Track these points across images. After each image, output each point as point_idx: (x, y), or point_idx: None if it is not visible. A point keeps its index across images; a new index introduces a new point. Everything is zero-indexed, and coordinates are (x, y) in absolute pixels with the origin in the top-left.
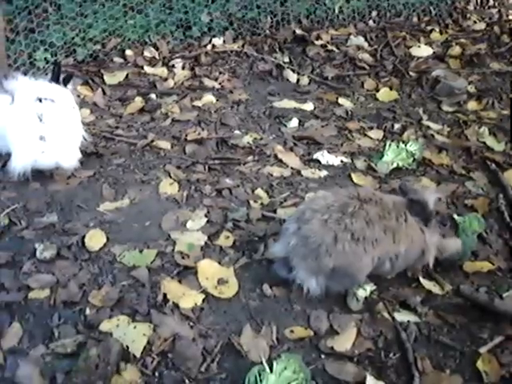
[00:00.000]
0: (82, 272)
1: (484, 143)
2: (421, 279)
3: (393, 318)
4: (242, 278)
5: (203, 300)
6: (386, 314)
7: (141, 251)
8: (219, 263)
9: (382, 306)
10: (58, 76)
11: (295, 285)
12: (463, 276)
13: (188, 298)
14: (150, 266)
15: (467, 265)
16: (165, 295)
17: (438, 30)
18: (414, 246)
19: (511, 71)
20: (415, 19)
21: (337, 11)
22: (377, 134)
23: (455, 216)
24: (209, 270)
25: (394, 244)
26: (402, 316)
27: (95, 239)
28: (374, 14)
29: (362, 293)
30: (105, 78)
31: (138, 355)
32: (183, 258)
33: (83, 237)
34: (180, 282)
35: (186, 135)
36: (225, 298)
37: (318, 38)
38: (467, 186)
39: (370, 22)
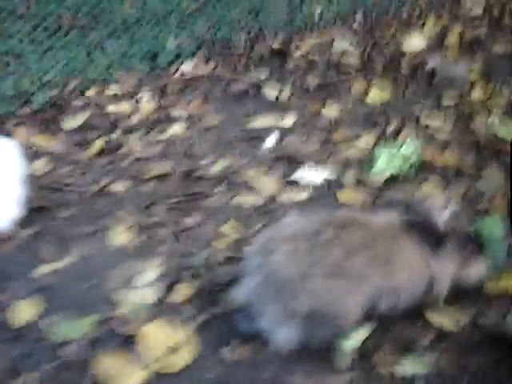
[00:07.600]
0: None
1: (494, 135)
2: (427, 314)
3: (393, 374)
4: (200, 341)
5: (146, 379)
6: (383, 369)
7: (73, 322)
8: (171, 326)
9: (379, 358)
10: None
11: (261, 341)
12: (482, 301)
13: (125, 379)
14: (82, 339)
15: (487, 286)
16: (95, 378)
17: (431, 22)
18: (415, 277)
19: None
20: (405, 15)
21: (316, 18)
22: (367, 141)
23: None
24: (155, 337)
25: (385, 276)
26: (406, 368)
27: (22, 313)
28: (358, 15)
29: (349, 343)
30: (64, 123)
31: None
32: (124, 324)
33: (8, 311)
34: (118, 356)
35: (145, 173)
36: (174, 372)
37: (297, 48)
38: (479, 188)
39: (355, 25)
